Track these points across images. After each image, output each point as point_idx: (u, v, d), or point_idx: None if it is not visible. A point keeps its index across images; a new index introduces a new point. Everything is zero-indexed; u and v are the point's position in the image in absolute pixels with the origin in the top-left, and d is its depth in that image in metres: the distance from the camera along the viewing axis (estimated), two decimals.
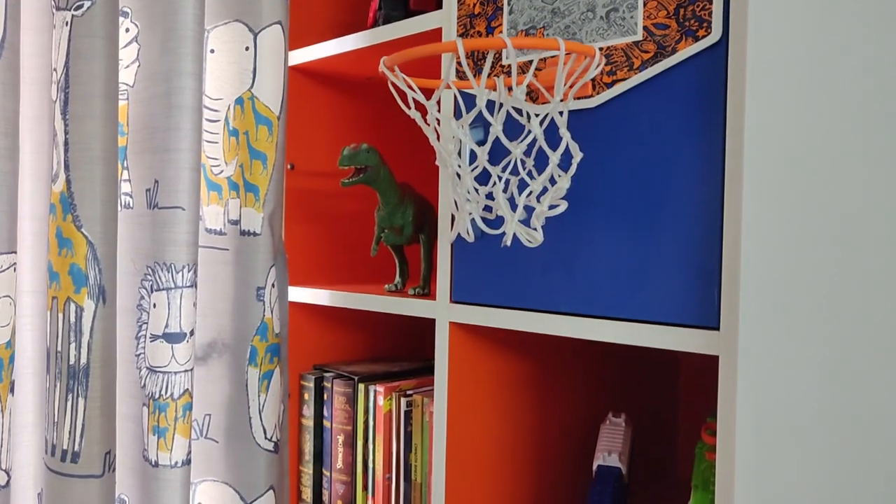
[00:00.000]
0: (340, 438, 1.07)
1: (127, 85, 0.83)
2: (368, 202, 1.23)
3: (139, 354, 0.84)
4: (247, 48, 0.87)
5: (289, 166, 1.09)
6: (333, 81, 1.17)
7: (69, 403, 0.73)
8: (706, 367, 1.25)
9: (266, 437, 0.89)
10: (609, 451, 0.92)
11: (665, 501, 1.26)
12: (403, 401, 1.00)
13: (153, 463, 0.81)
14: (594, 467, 0.92)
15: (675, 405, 1.29)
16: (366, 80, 1.21)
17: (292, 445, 1.10)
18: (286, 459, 0.91)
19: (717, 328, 0.64)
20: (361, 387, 1.05)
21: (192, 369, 0.81)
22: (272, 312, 0.89)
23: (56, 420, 0.74)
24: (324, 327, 1.16)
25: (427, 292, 0.95)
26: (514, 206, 0.77)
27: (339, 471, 1.07)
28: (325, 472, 1.09)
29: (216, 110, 0.90)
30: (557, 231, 0.75)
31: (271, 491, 0.90)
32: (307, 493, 1.10)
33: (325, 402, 1.09)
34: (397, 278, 1.03)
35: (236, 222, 0.90)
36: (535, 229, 0.65)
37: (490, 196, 0.77)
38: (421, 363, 1.28)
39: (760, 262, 0.64)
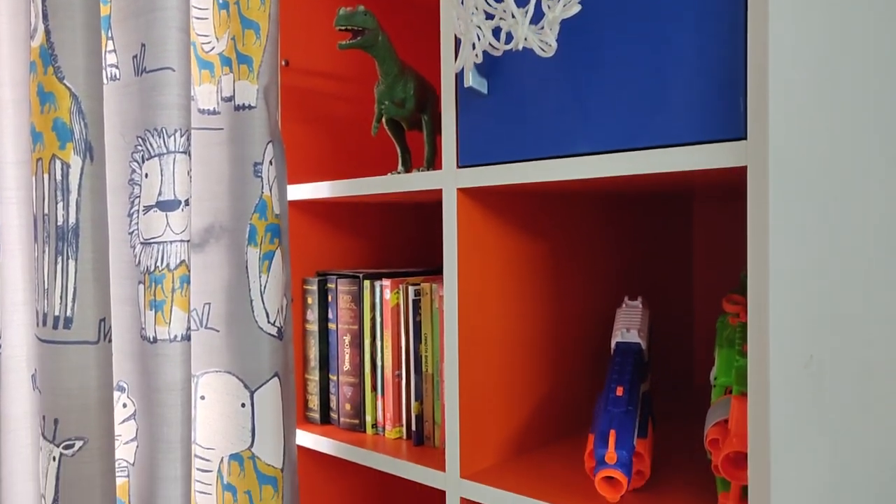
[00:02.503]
0: (347, 339, 1.03)
1: None
2: (367, 105, 1.18)
3: (132, 232, 0.80)
4: None
5: (283, 62, 1.05)
6: None
7: (59, 267, 0.69)
8: (722, 249, 1.21)
9: (269, 322, 0.85)
10: (628, 328, 0.88)
11: (682, 381, 1.22)
12: (412, 290, 0.96)
13: (151, 339, 0.77)
14: (612, 345, 0.88)
15: (690, 293, 1.25)
16: None
17: (297, 354, 1.07)
18: (291, 350, 0.88)
19: (745, 137, 0.60)
20: (367, 283, 1.01)
21: (188, 241, 0.77)
22: (271, 191, 0.85)
23: (46, 287, 0.70)
24: (326, 233, 1.12)
25: None
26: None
27: (347, 373, 1.03)
28: (332, 377, 1.05)
29: None
30: (568, 53, 0.70)
31: (276, 378, 0.86)
32: (314, 402, 1.06)
33: (329, 304, 1.05)
34: (400, 167, 0.99)
35: (230, 98, 0.86)
36: (548, 40, 0.61)
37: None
38: (429, 269, 1.24)
39: (788, 63, 0.59)
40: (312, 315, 1.06)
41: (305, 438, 1.01)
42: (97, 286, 0.70)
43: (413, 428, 0.96)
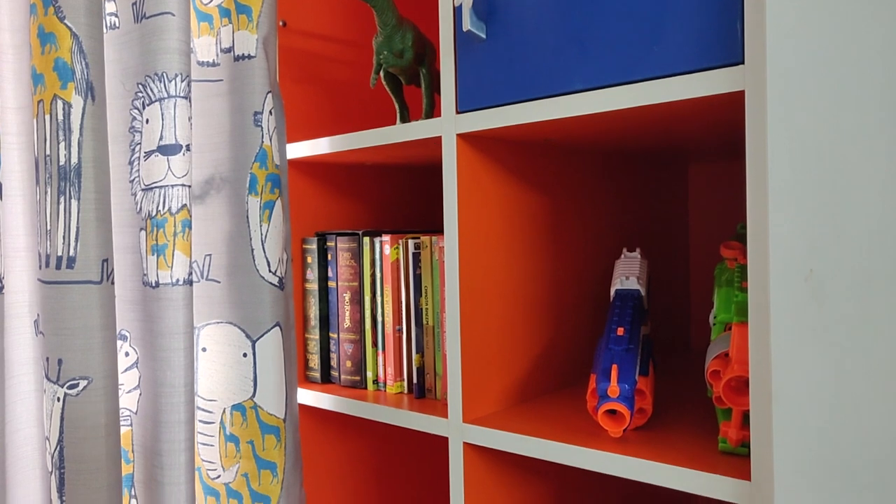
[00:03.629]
0: (347, 296, 1.03)
1: None
2: (364, 67, 1.19)
3: (133, 179, 0.80)
4: None
5: (281, 23, 1.05)
6: None
7: (62, 207, 0.69)
8: (717, 210, 1.22)
9: (270, 271, 0.85)
10: (627, 276, 0.89)
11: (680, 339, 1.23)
12: (412, 243, 0.96)
13: (153, 284, 0.77)
14: (612, 293, 0.88)
15: (686, 255, 1.26)
16: None
17: (297, 313, 1.07)
18: (291, 303, 0.88)
19: (742, 62, 0.60)
20: (367, 240, 1.01)
21: (189, 186, 0.77)
22: (271, 141, 0.85)
23: (49, 228, 0.70)
24: (324, 195, 1.12)
25: None
26: None
27: (347, 330, 1.03)
28: (333, 335, 1.05)
29: None
30: None
31: (277, 328, 0.86)
32: (314, 361, 1.07)
33: (328, 262, 1.05)
34: (398, 122, 0.99)
35: (229, 49, 0.86)
36: None
37: None
38: (427, 230, 1.24)
39: None
40: (312, 274, 1.06)
41: (306, 396, 1.01)
42: (99, 226, 0.70)
43: (414, 381, 0.96)
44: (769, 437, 0.58)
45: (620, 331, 0.78)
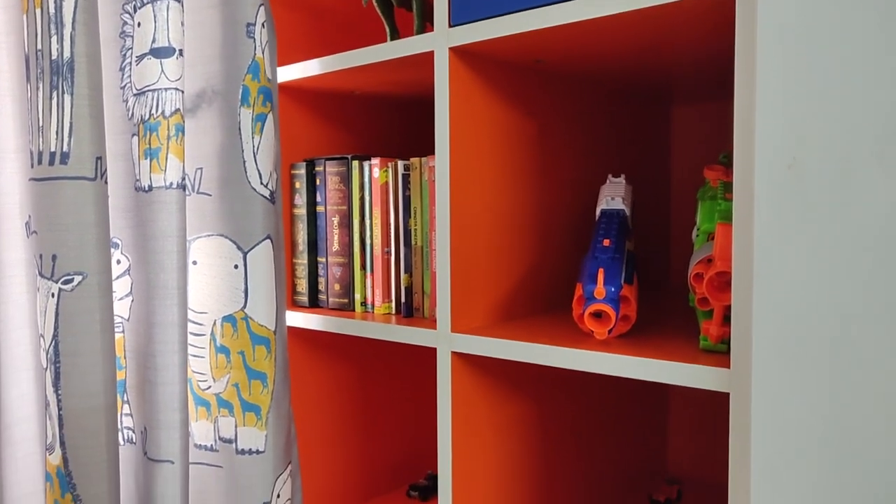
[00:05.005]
0: (335, 220, 1.04)
1: None
2: None
3: (124, 86, 0.80)
4: None
5: None
6: None
7: (54, 102, 0.69)
8: (699, 152, 1.24)
9: (262, 183, 0.86)
10: (612, 197, 0.91)
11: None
12: (401, 164, 0.97)
13: (146, 188, 0.77)
14: (598, 212, 0.90)
15: (667, 195, 1.29)
16: None
17: (285, 239, 1.08)
18: (280, 215, 0.88)
19: None
20: (356, 164, 1.02)
21: (182, 91, 0.77)
22: (263, 53, 0.85)
23: (41, 125, 0.70)
24: (313, 123, 1.12)
25: None
26: None
27: (336, 253, 1.04)
28: (321, 260, 1.06)
29: None
30: None
31: (268, 240, 0.87)
32: (302, 285, 1.08)
33: (317, 187, 1.06)
34: None
35: None
36: None
37: None
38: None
39: None
40: (300, 199, 1.07)
41: (295, 318, 1.03)
42: (93, 123, 0.70)
43: (403, 300, 0.98)
44: (749, 324, 0.61)
45: (606, 242, 0.81)
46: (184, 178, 0.77)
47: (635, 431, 1.20)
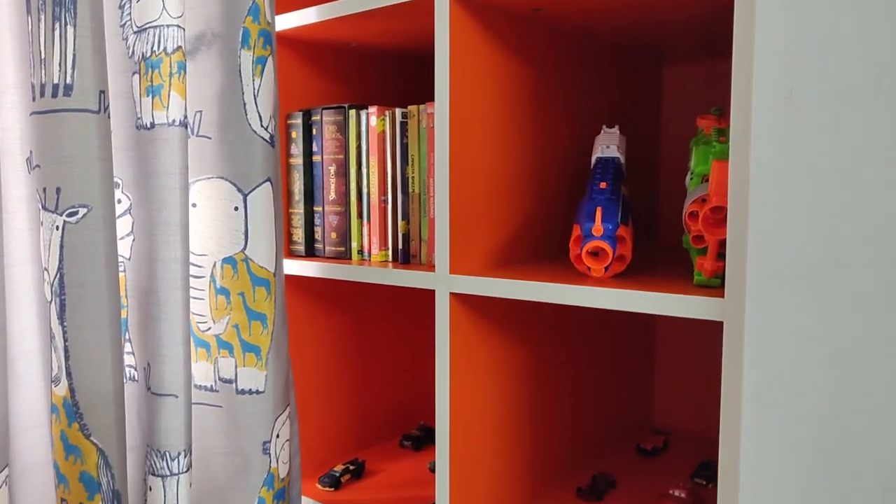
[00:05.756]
0: (332, 169, 1.05)
1: None
2: None
3: (124, 24, 0.79)
4: None
5: None
6: None
7: (57, 34, 0.69)
8: (689, 111, 1.26)
9: (262, 125, 0.86)
10: (607, 146, 0.93)
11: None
12: (399, 112, 0.98)
13: (148, 125, 0.77)
14: (593, 160, 0.92)
15: (658, 155, 1.31)
16: None
17: (282, 190, 1.08)
18: (279, 160, 0.89)
19: None
20: (352, 112, 1.02)
21: (184, 29, 0.77)
22: None
23: (43, 57, 0.70)
24: (310, 75, 1.13)
25: None
26: None
27: (332, 202, 1.05)
28: (317, 209, 1.07)
29: None
30: None
31: (268, 182, 0.87)
32: (298, 234, 1.08)
33: (313, 137, 1.07)
34: None
35: None
36: None
37: None
38: None
39: None
40: (296, 149, 1.08)
41: (291, 266, 1.03)
42: (95, 56, 0.70)
43: (400, 247, 0.99)
44: (743, 255, 0.63)
45: (603, 185, 0.82)
46: (186, 116, 0.77)
47: (625, 384, 1.23)
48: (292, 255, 1.09)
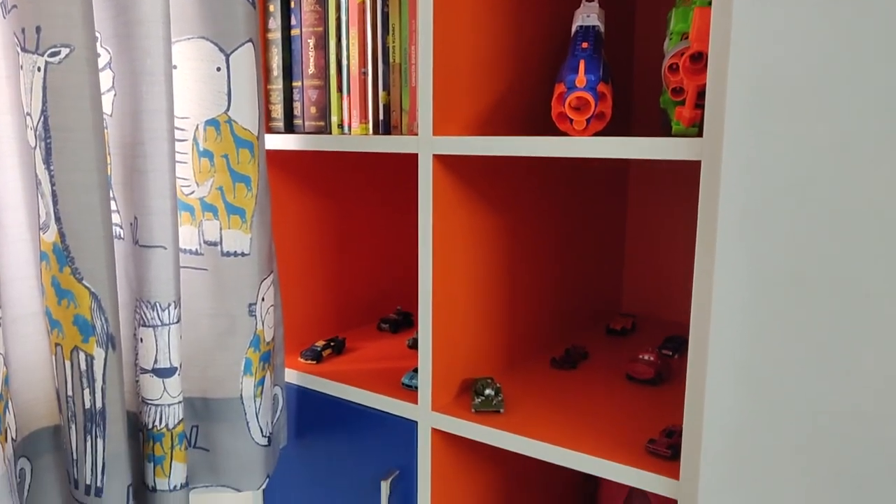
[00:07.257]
0: (311, 42, 1.04)
1: None
2: None
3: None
4: None
5: None
6: None
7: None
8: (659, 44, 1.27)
9: None
10: (588, 15, 0.93)
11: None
12: None
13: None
14: (574, 29, 0.93)
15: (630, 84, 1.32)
16: None
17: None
18: (258, 20, 0.88)
19: None
20: None
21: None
22: None
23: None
24: None
25: None
26: None
27: (311, 76, 1.05)
28: (296, 84, 1.07)
29: None
30: None
31: (250, 43, 0.87)
32: (277, 111, 1.08)
33: (291, 10, 1.05)
34: None
35: None
36: None
37: None
38: None
39: None
40: (274, 23, 1.06)
41: (271, 140, 1.03)
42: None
43: (381, 118, 0.99)
44: (723, 98, 0.65)
45: (585, 44, 0.84)
46: None
47: (597, 268, 1.28)
48: (272, 131, 1.09)
